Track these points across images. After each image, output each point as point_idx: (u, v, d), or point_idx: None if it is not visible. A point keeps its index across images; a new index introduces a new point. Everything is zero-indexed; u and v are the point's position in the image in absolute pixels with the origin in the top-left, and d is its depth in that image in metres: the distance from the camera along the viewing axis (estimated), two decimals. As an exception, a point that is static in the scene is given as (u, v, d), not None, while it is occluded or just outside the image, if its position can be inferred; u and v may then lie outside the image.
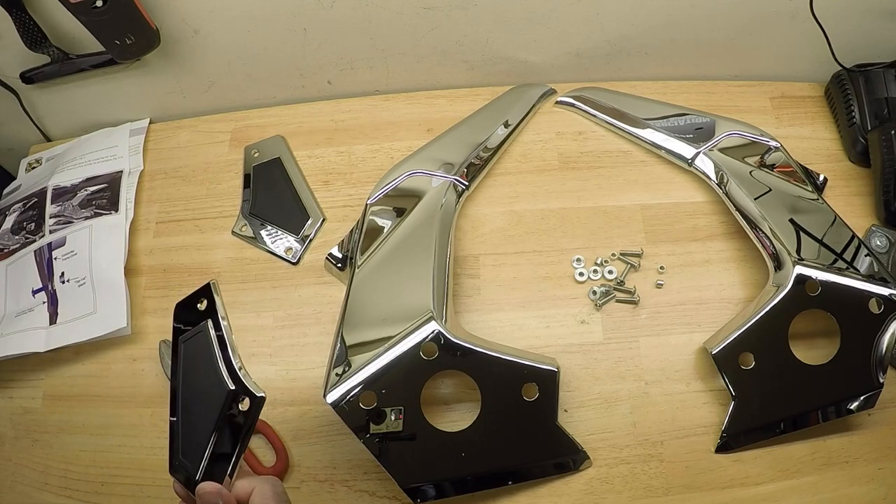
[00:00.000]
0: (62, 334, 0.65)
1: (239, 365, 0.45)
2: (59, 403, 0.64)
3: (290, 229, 0.71)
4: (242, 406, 0.44)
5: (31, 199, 0.75)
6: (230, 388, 0.45)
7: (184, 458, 0.46)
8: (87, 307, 0.66)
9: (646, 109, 0.75)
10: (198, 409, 0.47)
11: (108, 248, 0.70)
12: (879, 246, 0.66)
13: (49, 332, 0.65)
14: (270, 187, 0.74)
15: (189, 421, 0.48)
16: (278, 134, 0.78)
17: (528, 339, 0.64)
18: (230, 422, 0.45)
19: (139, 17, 0.66)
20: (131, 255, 0.71)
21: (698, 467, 0.58)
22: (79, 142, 0.81)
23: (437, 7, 0.70)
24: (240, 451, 0.44)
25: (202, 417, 0.46)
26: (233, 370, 0.46)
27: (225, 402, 0.45)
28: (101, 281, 0.67)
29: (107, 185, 0.75)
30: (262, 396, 0.44)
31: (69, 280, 0.68)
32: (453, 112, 0.78)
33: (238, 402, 0.44)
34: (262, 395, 0.44)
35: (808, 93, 0.78)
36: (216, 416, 0.45)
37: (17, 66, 0.73)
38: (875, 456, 0.59)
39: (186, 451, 0.46)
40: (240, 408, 0.44)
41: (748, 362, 0.58)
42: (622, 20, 0.73)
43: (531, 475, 0.58)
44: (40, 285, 0.69)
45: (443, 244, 0.64)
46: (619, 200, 0.71)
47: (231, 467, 0.44)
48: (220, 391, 0.45)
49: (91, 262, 0.68)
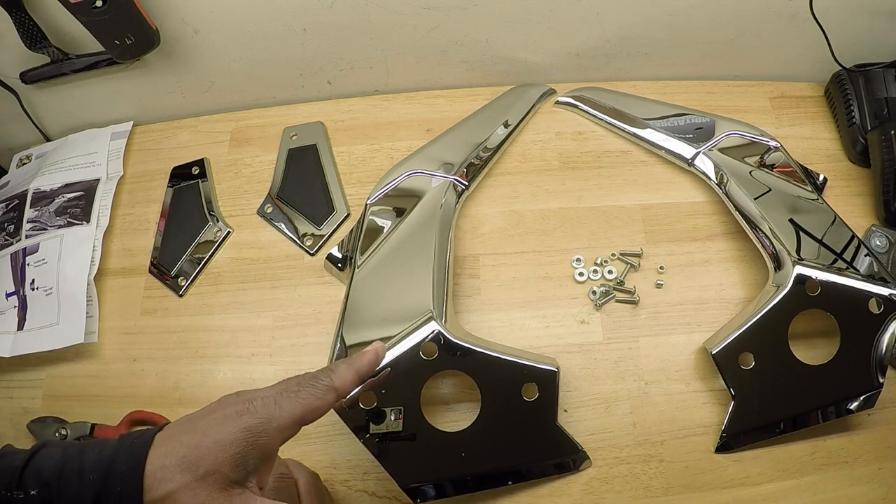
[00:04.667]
0: (27, 341, 0.65)
1: (216, 211, 0.72)
2: (59, 403, 0.64)
3: (314, 220, 0.71)
4: (217, 234, 0.71)
5: (13, 201, 0.75)
6: (209, 221, 0.71)
7: (161, 263, 0.70)
8: (52, 317, 0.66)
9: (646, 109, 0.75)
10: (184, 230, 0.71)
11: (76, 259, 0.69)
12: (879, 246, 0.66)
13: (16, 338, 0.65)
14: (302, 173, 0.74)
15: (174, 236, 0.71)
16: (319, 120, 0.78)
17: (528, 339, 0.64)
18: (203, 242, 0.71)
19: (139, 17, 0.66)
20: (130, 256, 0.71)
21: (698, 467, 0.59)
22: (65, 142, 0.80)
23: (437, 7, 0.70)
24: (206, 262, 0.70)
25: (186, 236, 0.71)
26: (212, 211, 0.72)
27: (203, 228, 0.71)
28: (66, 293, 0.67)
29: (83, 192, 0.74)
30: (230, 231, 0.71)
31: (38, 288, 0.68)
32: (453, 112, 0.77)
33: (214, 229, 0.71)
34: (229, 230, 0.71)
35: (807, 93, 0.78)
36: (195, 238, 0.70)
37: (17, 66, 0.73)
38: (875, 456, 0.59)
39: (167, 259, 0.70)
40: (215, 231, 0.71)
41: (748, 362, 0.58)
42: (622, 20, 0.73)
43: (531, 475, 0.58)
44: (13, 289, 0.68)
45: (443, 244, 0.64)
46: (619, 200, 0.71)
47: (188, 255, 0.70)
48: (202, 222, 0.72)
49: (59, 273, 0.68)
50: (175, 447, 0.38)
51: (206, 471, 0.37)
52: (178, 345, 0.66)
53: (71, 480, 0.37)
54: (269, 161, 0.76)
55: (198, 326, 0.67)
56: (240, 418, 0.39)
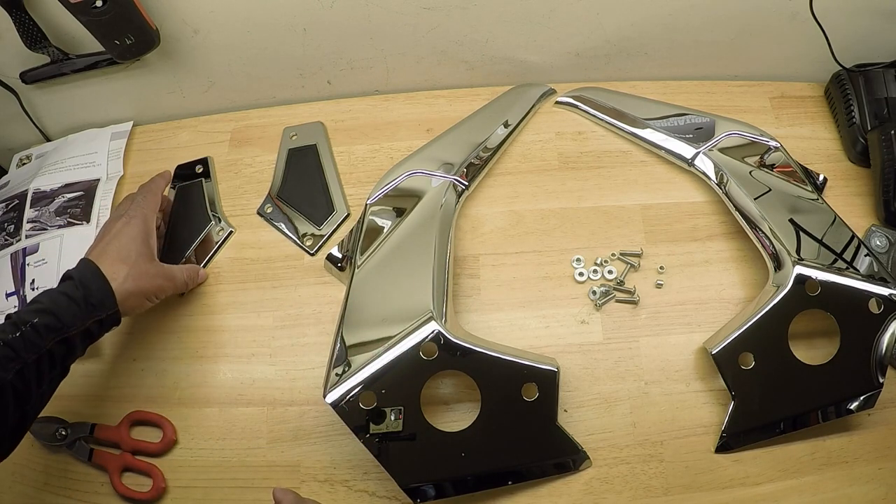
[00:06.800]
0: None
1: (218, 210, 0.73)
2: (59, 403, 0.64)
3: (314, 220, 0.71)
4: (219, 234, 0.72)
5: (13, 201, 0.75)
6: (211, 220, 0.71)
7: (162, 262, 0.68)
8: None
9: (646, 109, 0.75)
10: (186, 229, 0.71)
11: (76, 259, 0.68)
12: (879, 246, 0.66)
13: None
14: (302, 173, 0.74)
15: (175, 235, 0.71)
16: (319, 120, 0.78)
17: (528, 339, 0.64)
18: (206, 238, 0.71)
19: (139, 17, 0.66)
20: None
21: (698, 467, 0.59)
22: (65, 142, 0.80)
23: (437, 7, 0.70)
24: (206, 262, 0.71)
25: (188, 235, 0.71)
26: (214, 211, 0.72)
27: (207, 228, 0.71)
28: None
29: (83, 192, 0.74)
30: (232, 230, 0.72)
31: (38, 288, 0.68)
32: (453, 112, 0.78)
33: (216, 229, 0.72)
34: (231, 229, 0.72)
35: (807, 93, 0.78)
36: (197, 237, 0.70)
37: (17, 66, 0.73)
38: (875, 456, 0.59)
39: (168, 259, 0.68)
40: (217, 231, 0.72)
41: (748, 362, 0.58)
42: (622, 20, 0.73)
43: (531, 475, 0.58)
44: (13, 289, 0.68)
45: (443, 244, 0.64)
46: (619, 200, 0.71)
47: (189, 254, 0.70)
48: (204, 221, 0.71)
49: (59, 273, 0.68)
50: (110, 258, 0.57)
51: (138, 254, 0.59)
52: (178, 345, 0.66)
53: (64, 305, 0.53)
54: (269, 161, 0.76)
55: (198, 326, 0.67)
56: (130, 224, 0.60)
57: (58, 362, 0.52)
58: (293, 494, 0.51)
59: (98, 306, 0.54)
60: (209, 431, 0.63)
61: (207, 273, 0.70)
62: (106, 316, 0.55)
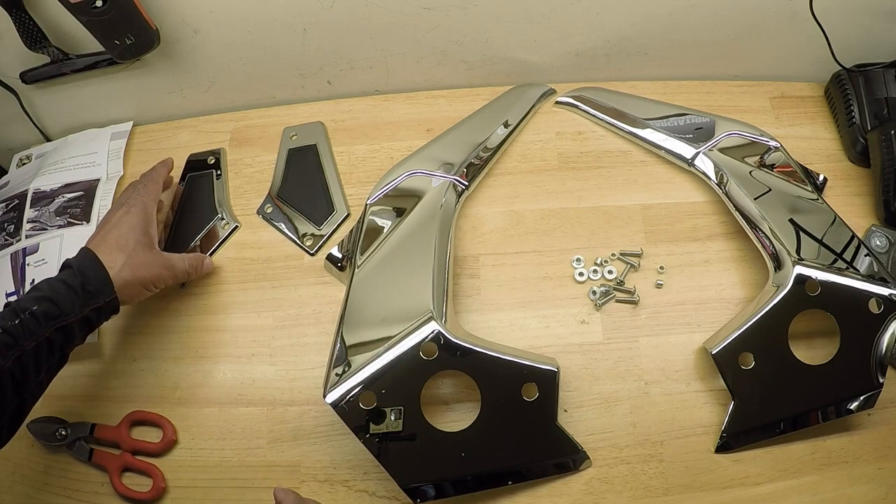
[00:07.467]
0: None
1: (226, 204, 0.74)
2: (59, 403, 0.64)
3: (314, 220, 0.71)
4: (224, 228, 0.72)
5: (13, 201, 0.75)
6: (218, 213, 0.72)
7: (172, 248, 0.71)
8: None
9: (646, 109, 0.75)
10: (190, 223, 0.73)
11: None
12: (879, 246, 0.66)
13: None
14: (302, 173, 0.74)
15: (179, 230, 0.72)
16: (319, 120, 0.78)
17: (528, 339, 0.64)
18: (211, 231, 0.72)
19: (139, 17, 0.66)
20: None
21: (698, 467, 0.59)
22: (65, 142, 0.80)
23: (437, 7, 0.70)
24: None
25: (192, 229, 0.72)
26: (222, 202, 0.73)
27: (213, 221, 0.72)
28: None
29: (83, 192, 0.74)
30: (237, 226, 0.72)
31: None
32: (453, 112, 0.78)
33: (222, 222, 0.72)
34: (236, 224, 0.72)
35: (807, 93, 0.78)
36: (201, 230, 0.72)
37: (17, 66, 0.73)
38: (875, 456, 0.59)
39: (176, 244, 0.71)
40: (223, 224, 0.72)
41: (748, 362, 0.58)
42: (622, 20, 0.73)
43: (531, 475, 0.58)
44: (13, 289, 0.69)
45: (443, 244, 0.64)
46: (619, 200, 0.71)
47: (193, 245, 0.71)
48: (211, 214, 0.72)
49: None
50: (109, 246, 0.58)
51: (136, 242, 0.59)
52: (178, 345, 0.66)
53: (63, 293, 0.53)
54: (269, 161, 0.76)
55: (198, 326, 0.67)
56: (129, 213, 0.61)
57: (56, 350, 0.52)
58: (294, 494, 0.51)
59: (95, 294, 0.54)
60: (209, 431, 0.63)
61: (213, 262, 0.70)
62: (104, 303, 0.55)
